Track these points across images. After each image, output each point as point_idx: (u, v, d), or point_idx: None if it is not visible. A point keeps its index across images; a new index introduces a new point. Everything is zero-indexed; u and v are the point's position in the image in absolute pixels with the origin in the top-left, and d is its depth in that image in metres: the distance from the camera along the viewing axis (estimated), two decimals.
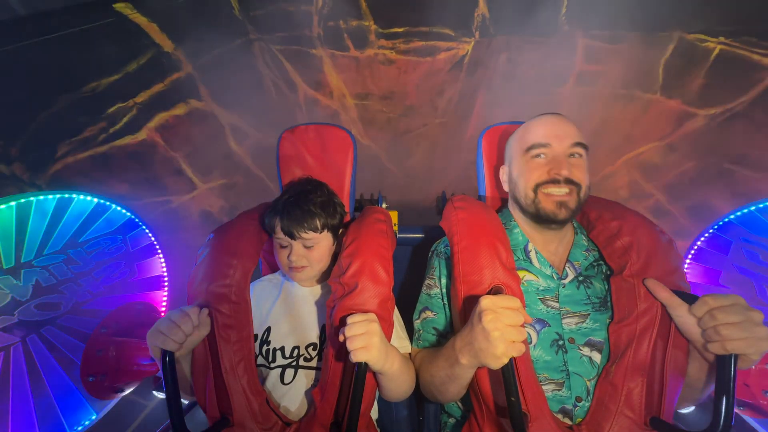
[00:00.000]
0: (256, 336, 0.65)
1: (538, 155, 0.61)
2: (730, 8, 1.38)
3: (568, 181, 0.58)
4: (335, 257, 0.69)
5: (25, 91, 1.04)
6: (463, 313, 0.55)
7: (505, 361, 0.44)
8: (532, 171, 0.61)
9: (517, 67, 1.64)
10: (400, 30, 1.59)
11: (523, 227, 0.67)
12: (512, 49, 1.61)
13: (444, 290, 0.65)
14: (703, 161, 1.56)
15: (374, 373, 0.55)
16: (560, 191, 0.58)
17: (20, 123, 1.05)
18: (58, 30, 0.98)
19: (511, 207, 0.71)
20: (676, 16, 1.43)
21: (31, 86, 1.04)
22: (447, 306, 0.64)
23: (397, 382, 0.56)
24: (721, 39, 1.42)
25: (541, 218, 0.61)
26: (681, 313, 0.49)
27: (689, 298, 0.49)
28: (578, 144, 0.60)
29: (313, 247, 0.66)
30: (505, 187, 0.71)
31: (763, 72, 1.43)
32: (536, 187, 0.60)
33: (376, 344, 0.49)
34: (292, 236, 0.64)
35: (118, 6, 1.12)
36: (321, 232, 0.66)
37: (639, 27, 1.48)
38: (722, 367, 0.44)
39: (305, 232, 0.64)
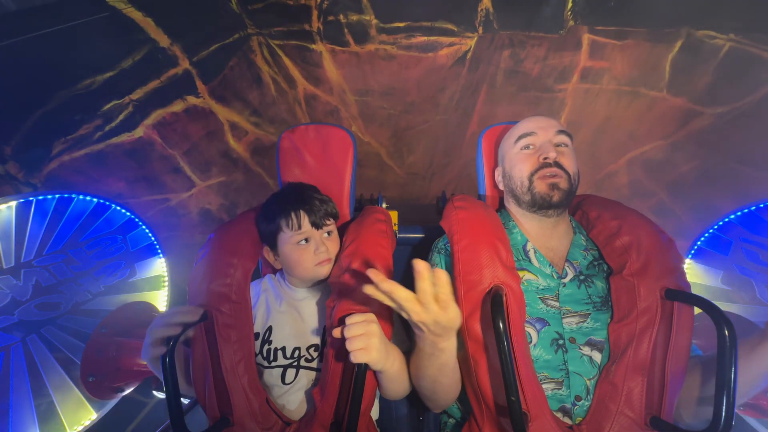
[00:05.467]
0: (257, 335, 0.64)
1: (526, 146, 0.65)
2: (741, 4, 1.33)
3: (557, 165, 0.62)
4: (335, 256, 0.68)
5: (17, 89, 1.02)
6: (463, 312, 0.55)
7: (458, 321, 0.47)
8: (524, 161, 0.65)
9: (520, 63, 1.61)
10: (401, 25, 1.56)
11: (521, 225, 0.67)
12: (516, 45, 1.58)
13: None
14: (708, 160, 1.54)
15: (375, 373, 0.55)
16: (551, 173, 0.62)
17: (13, 122, 1.04)
18: (50, 26, 0.96)
19: (507, 203, 0.71)
20: (684, 12, 1.39)
21: (23, 84, 1.02)
22: None
23: (398, 381, 0.56)
24: (731, 36, 1.36)
25: (536, 203, 0.63)
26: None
27: (689, 298, 0.49)
28: (562, 132, 0.65)
29: (331, 235, 0.68)
30: (501, 186, 0.73)
31: None
32: (531, 176, 0.64)
33: (376, 345, 0.49)
34: (318, 226, 0.65)
35: (112, 0, 1.09)
36: (336, 219, 0.69)
37: (646, 22, 1.44)
38: (722, 366, 0.44)
39: (328, 219, 0.67)
